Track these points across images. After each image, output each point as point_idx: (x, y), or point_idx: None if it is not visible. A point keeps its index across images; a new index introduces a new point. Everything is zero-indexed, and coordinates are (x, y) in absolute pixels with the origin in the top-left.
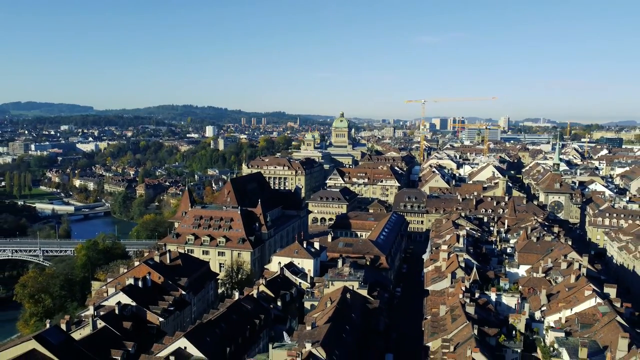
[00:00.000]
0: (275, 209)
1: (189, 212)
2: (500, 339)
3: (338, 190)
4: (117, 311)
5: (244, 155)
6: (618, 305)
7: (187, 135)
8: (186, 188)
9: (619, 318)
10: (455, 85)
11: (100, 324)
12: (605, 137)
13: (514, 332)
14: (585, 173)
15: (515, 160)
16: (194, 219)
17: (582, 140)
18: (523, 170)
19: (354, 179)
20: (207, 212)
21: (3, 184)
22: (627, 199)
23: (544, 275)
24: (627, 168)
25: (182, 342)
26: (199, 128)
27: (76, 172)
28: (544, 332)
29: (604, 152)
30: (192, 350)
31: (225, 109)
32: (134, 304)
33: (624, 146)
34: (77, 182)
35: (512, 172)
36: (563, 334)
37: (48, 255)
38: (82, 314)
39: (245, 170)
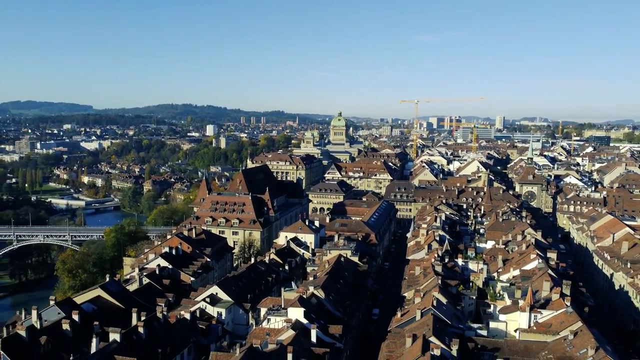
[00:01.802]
0: (280, 197)
1: (206, 199)
2: (459, 288)
3: (335, 182)
4: (157, 272)
5: (246, 153)
6: (553, 264)
7: (188, 134)
8: (204, 178)
9: (550, 271)
10: (454, 84)
11: (145, 280)
12: (594, 136)
13: (471, 285)
14: (562, 167)
15: (504, 157)
16: (211, 204)
17: (574, 138)
18: (508, 165)
19: (350, 173)
20: (222, 198)
21: (14, 180)
22: (592, 189)
23: (503, 246)
24: (604, 164)
25: (214, 289)
26: (199, 127)
27: (83, 169)
28: (496, 285)
29: (589, 149)
30: (222, 295)
31: (224, 108)
32: (170, 266)
33: (612, 144)
34: (85, 179)
35: (499, 167)
36: (508, 284)
37: (76, 240)
38: (128, 275)
39: (250, 165)
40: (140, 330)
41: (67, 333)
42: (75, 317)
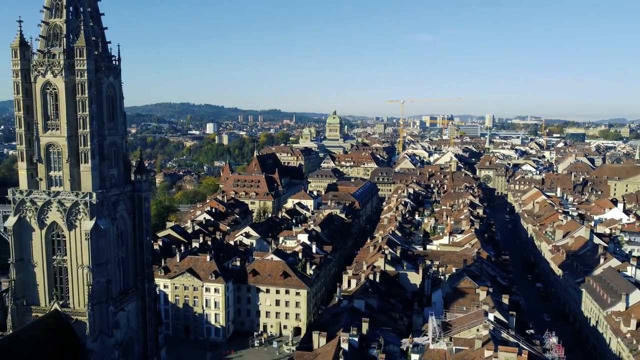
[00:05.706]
0: (286, 178)
1: (229, 177)
2: (411, 229)
3: (330, 170)
4: (204, 222)
5: (247, 149)
6: (477, 215)
7: (189, 132)
8: (227, 162)
9: (471, 217)
10: (451, 83)
11: (196, 227)
12: (570, 133)
13: (420, 228)
14: (522, 157)
15: (482, 151)
16: (234, 181)
17: (554, 135)
18: (481, 157)
19: (343, 162)
20: (242, 177)
21: None
22: (537, 172)
23: (450, 207)
24: (561, 156)
25: (247, 229)
26: (198, 125)
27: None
28: (437, 228)
29: (561, 144)
30: (253, 232)
31: (222, 106)
32: (212, 219)
33: (587, 140)
34: None
35: (473, 159)
36: (444, 226)
37: None
38: (183, 226)
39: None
40: (209, 242)
41: (157, 251)
42: (160, 242)
